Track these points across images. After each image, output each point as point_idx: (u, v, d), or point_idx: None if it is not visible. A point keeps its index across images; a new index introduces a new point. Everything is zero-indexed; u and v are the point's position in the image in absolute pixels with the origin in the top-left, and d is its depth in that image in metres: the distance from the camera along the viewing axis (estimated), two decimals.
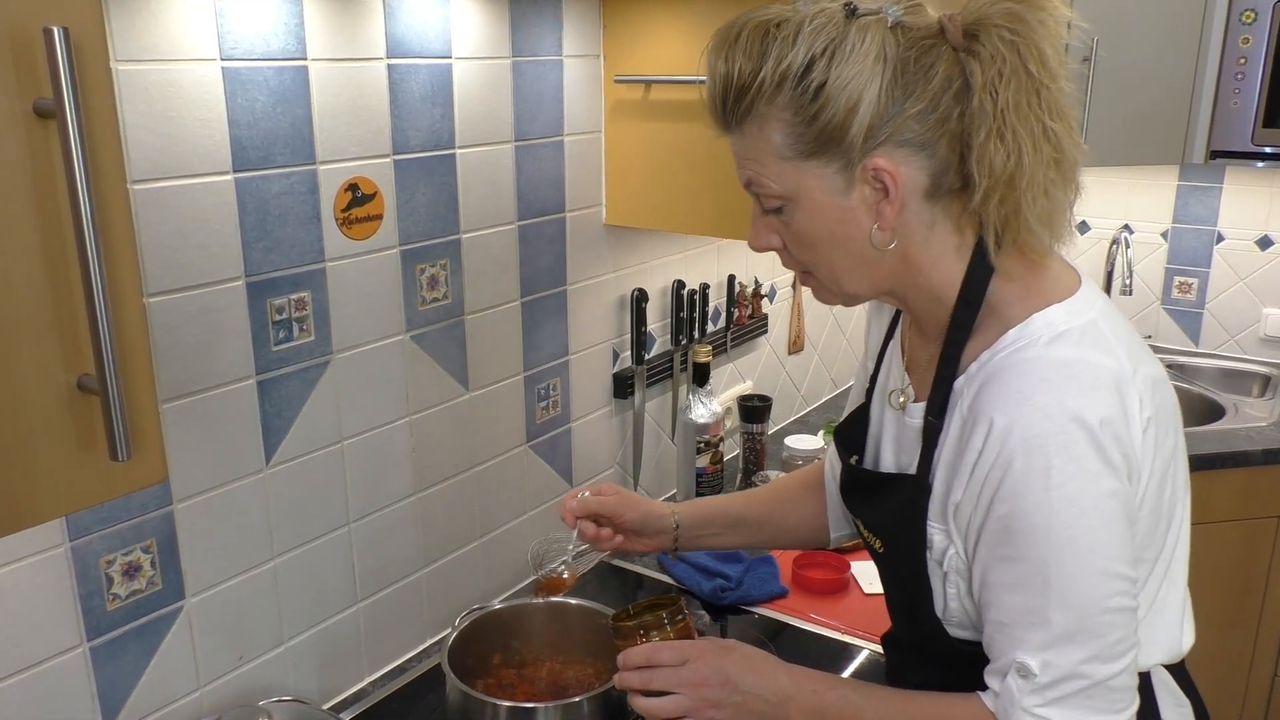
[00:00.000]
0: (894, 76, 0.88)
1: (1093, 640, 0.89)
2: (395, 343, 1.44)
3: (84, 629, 1.15)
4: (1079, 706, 0.90)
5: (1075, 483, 0.87)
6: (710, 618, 1.66)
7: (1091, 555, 0.88)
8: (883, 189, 0.91)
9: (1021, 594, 0.90)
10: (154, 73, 1.09)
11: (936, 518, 0.98)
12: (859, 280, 0.98)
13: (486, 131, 1.50)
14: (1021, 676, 0.91)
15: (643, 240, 1.87)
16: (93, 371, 0.70)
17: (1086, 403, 0.88)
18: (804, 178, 0.93)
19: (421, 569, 1.55)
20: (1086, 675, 0.90)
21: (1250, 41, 2.39)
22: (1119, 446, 0.89)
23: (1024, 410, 0.89)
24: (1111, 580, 0.89)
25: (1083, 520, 0.88)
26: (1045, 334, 0.92)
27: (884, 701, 1.01)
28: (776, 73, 0.90)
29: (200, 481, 1.23)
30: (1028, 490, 0.88)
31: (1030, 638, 0.90)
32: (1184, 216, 2.85)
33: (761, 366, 2.34)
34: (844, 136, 0.89)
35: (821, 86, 0.88)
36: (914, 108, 0.89)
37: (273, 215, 1.24)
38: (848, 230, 0.94)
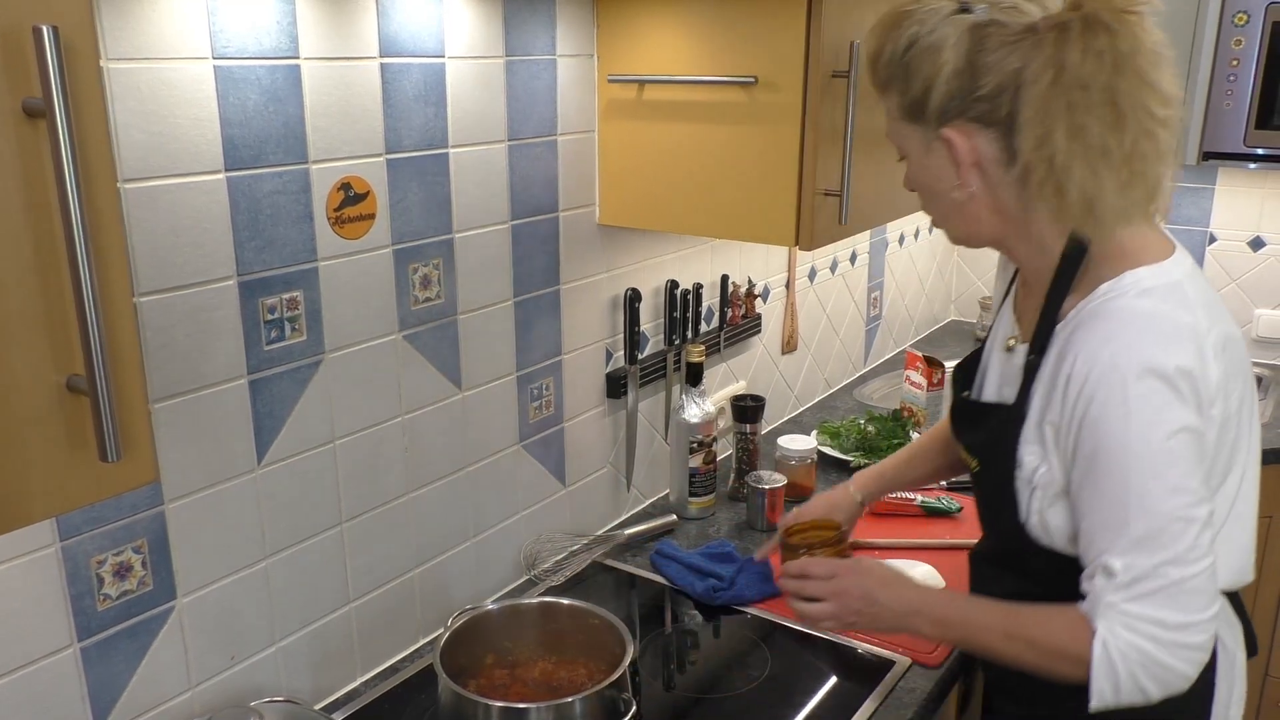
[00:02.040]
0: (967, 65, 1.07)
1: (1169, 545, 1.03)
2: (388, 342, 1.43)
3: (74, 629, 1.14)
4: (1158, 604, 1.04)
5: (1148, 412, 1.03)
6: (702, 617, 1.66)
7: (1165, 473, 1.04)
8: (957, 155, 1.11)
9: (1105, 508, 1.06)
10: (145, 71, 1.09)
11: (1030, 440, 1.15)
12: (957, 226, 1.20)
13: (480, 131, 1.50)
14: (1106, 577, 1.06)
15: (636, 240, 1.86)
16: (82, 372, 0.70)
17: (1161, 350, 1.04)
18: (907, 137, 1.17)
19: (414, 569, 1.55)
20: (1164, 575, 1.04)
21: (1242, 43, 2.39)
22: (1191, 387, 1.04)
23: (1108, 351, 1.05)
24: (1182, 494, 1.04)
25: (1156, 442, 1.03)
26: (1133, 289, 1.08)
27: (993, 611, 1.18)
28: (889, 51, 1.13)
29: (192, 481, 1.23)
30: (1108, 420, 1.05)
31: (1113, 544, 1.06)
32: (1176, 217, 2.86)
33: (755, 366, 2.34)
34: (925, 108, 1.11)
35: (910, 68, 1.10)
36: (982, 91, 1.07)
37: (265, 214, 1.24)
38: (934, 184, 1.17)
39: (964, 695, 1.65)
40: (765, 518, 1.91)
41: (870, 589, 1.24)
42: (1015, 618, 1.15)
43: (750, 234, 1.62)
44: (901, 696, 1.44)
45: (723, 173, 1.60)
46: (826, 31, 1.47)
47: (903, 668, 1.49)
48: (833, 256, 2.59)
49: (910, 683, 1.46)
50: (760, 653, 1.55)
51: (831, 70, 1.50)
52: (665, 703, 1.46)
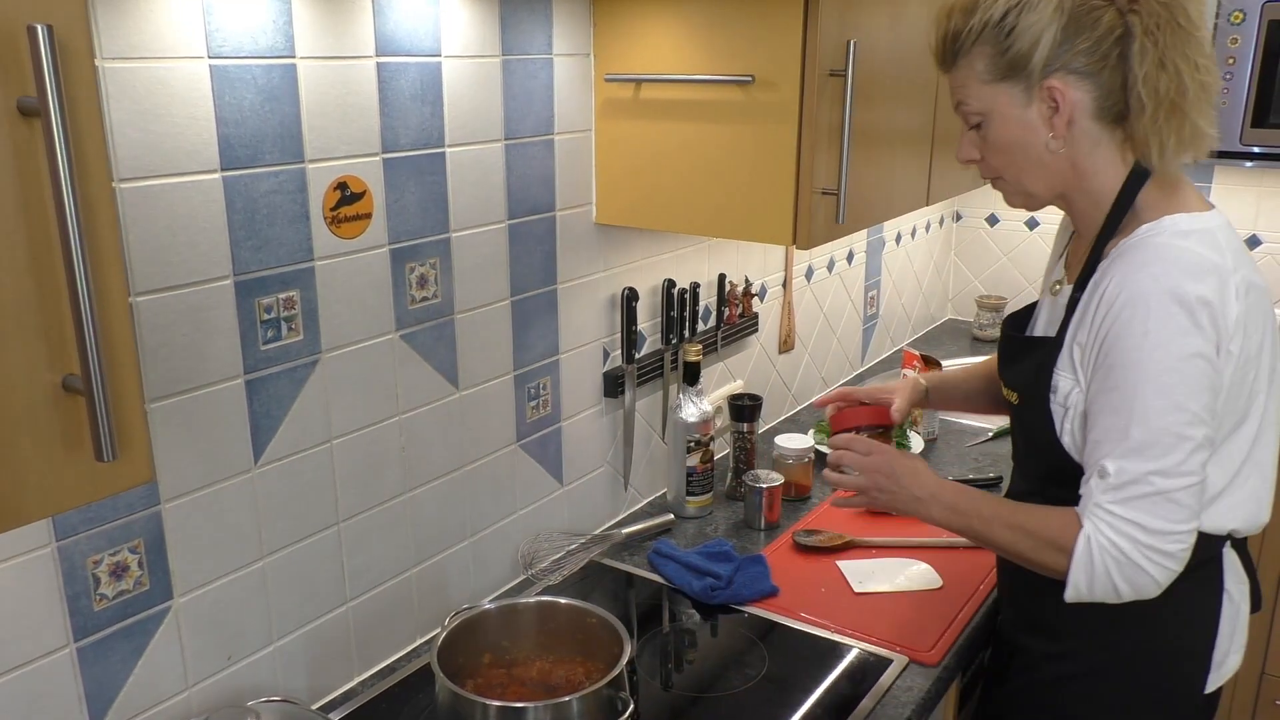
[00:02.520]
0: (1068, 22, 1.18)
1: (1161, 456, 1.13)
2: (385, 342, 1.43)
3: (71, 629, 1.14)
4: (1142, 509, 1.14)
5: (1165, 333, 1.13)
6: (700, 616, 1.66)
7: (1170, 390, 1.13)
8: (1054, 105, 1.21)
9: (1111, 416, 1.16)
10: (141, 70, 1.08)
11: (1064, 367, 1.26)
12: (1038, 181, 1.28)
13: (476, 130, 1.50)
14: (1100, 478, 1.16)
15: (633, 239, 1.86)
16: (78, 371, 0.69)
17: (1189, 280, 1.13)
18: (998, 96, 1.24)
19: (411, 568, 1.55)
20: (1150, 483, 1.13)
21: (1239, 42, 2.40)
22: (1210, 318, 1.13)
23: (1139, 275, 1.16)
24: (1183, 412, 1.13)
25: (1167, 361, 1.13)
26: (1170, 229, 1.19)
27: (1000, 505, 1.31)
28: (982, 20, 1.22)
29: (188, 481, 1.23)
30: (1128, 335, 1.15)
31: (1112, 448, 1.15)
32: None
33: (752, 365, 2.34)
34: (1027, 64, 1.20)
35: (1013, 28, 1.19)
36: (1082, 45, 1.18)
37: (261, 214, 1.24)
38: (1029, 137, 1.24)
39: (962, 694, 1.66)
40: (763, 517, 1.91)
41: (897, 470, 1.37)
42: (1017, 512, 1.27)
43: (747, 233, 1.62)
44: (899, 695, 1.44)
45: (720, 172, 1.60)
46: (824, 30, 1.47)
47: (900, 666, 1.49)
48: (830, 255, 2.59)
49: (907, 681, 1.47)
50: (758, 651, 1.55)
51: (829, 69, 1.50)
52: (663, 702, 1.46)
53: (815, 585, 1.72)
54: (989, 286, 3.30)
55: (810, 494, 2.05)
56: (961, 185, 2.16)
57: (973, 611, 1.63)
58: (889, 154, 1.78)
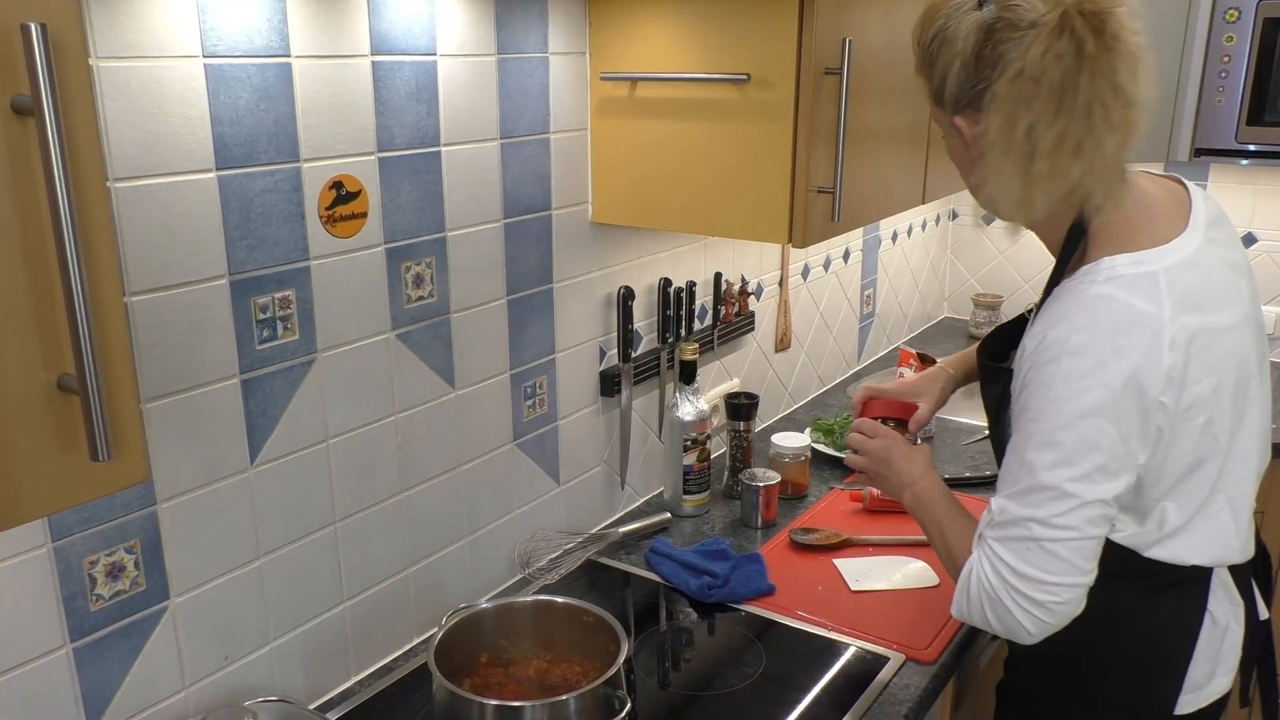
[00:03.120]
0: (973, 58, 1.15)
1: (1039, 507, 1.13)
2: (380, 341, 1.43)
3: (67, 630, 1.14)
4: (1016, 553, 1.15)
5: (1067, 390, 1.11)
6: (697, 615, 1.66)
7: (1059, 446, 1.11)
8: (971, 139, 1.20)
9: (1011, 455, 1.18)
10: (136, 69, 1.08)
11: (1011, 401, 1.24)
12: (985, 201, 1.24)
13: (472, 129, 1.50)
14: (988, 513, 1.19)
15: (629, 238, 1.86)
16: (73, 370, 0.69)
17: (1108, 337, 1.10)
18: (940, 118, 1.26)
19: (408, 568, 1.55)
20: (1026, 529, 1.14)
21: (1234, 39, 2.40)
22: (1128, 377, 1.09)
23: (1059, 327, 1.13)
24: (1070, 468, 1.11)
25: (1062, 419, 1.11)
26: (1104, 274, 1.14)
27: (950, 514, 1.33)
28: (922, 40, 1.23)
29: (184, 481, 1.23)
30: (1035, 383, 1.14)
31: (1003, 486, 1.18)
32: None
33: (748, 364, 2.34)
34: (942, 96, 1.22)
35: (934, 56, 1.20)
36: (980, 85, 1.16)
37: (256, 213, 1.23)
38: (961, 162, 1.27)
39: (958, 692, 1.66)
40: (760, 515, 1.91)
41: (892, 456, 1.43)
42: (955, 525, 1.31)
43: (743, 231, 1.62)
44: (895, 693, 1.44)
45: (715, 170, 1.60)
46: (819, 28, 1.47)
47: (897, 664, 1.49)
48: (826, 254, 2.59)
49: (904, 679, 1.47)
50: (755, 650, 1.55)
51: (824, 67, 1.50)
52: (660, 700, 1.46)
53: (812, 584, 1.72)
54: (985, 285, 3.30)
55: (807, 492, 2.05)
56: (957, 184, 2.15)
57: None
58: (885, 152, 1.78)
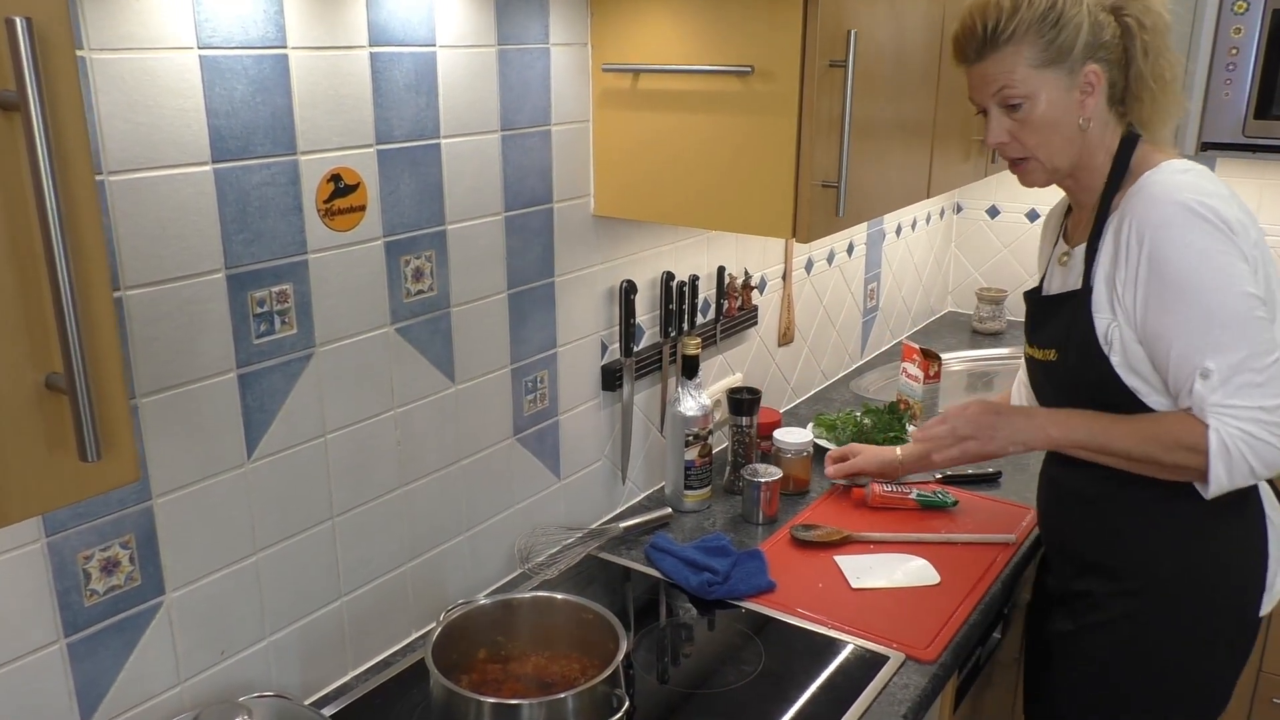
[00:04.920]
0: (1093, 22, 1.38)
1: (1250, 341, 1.28)
2: (380, 335, 1.42)
3: (61, 625, 1.13)
4: (1254, 394, 1.28)
5: (1206, 239, 1.29)
6: (697, 611, 1.66)
7: (1231, 283, 1.28)
8: (1090, 89, 1.40)
9: (1187, 327, 1.30)
10: (129, 61, 1.07)
11: (1101, 307, 1.39)
12: (1064, 156, 1.44)
13: (472, 121, 1.48)
14: (1203, 379, 1.29)
15: (631, 231, 1.85)
16: (61, 370, 0.68)
17: (1205, 198, 1.30)
18: (1044, 80, 1.39)
19: (407, 563, 1.54)
20: (1251, 367, 1.28)
21: (1242, 32, 2.37)
22: (1232, 225, 1.29)
23: (1157, 204, 1.32)
24: (1248, 299, 1.28)
25: (1215, 261, 1.28)
26: (1171, 169, 1.37)
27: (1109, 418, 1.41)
28: (1031, 12, 1.37)
29: (180, 476, 1.22)
30: (1171, 253, 1.30)
31: (1202, 353, 1.29)
32: None
33: (751, 358, 2.33)
34: (1071, 51, 1.38)
35: (1059, 18, 1.36)
36: (1104, 38, 1.38)
37: (253, 206, 1.22)
38: (1065, 117, 1.41)
39: (959, 691, 1.65)
40: (761, 511, 1.90)
41: (994, 408, 1.52)
42: (1135, 421, 1.38)
43: (746, 226, 1.61)
44: (895, 692, 1.43)
45: (719, 163, 1.59)
46: (824, 20, 1.45)
47: (897, 663, 1.48)
48: (830, 248, 2.58)
49: (904, 679, 1.46)
50: (754, 647, 1.54)
51: (829, 60, 1.49)
52: (659, 697, 1.45)
53: (813, 580, 1.71)
54: (989, 279, 3.28)
55: (809, 489, 2.04)
56: (963, 177, 2.14)
57: (970, 608, 1.62)
58: (889, 146, 1.76)
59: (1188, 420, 1.32)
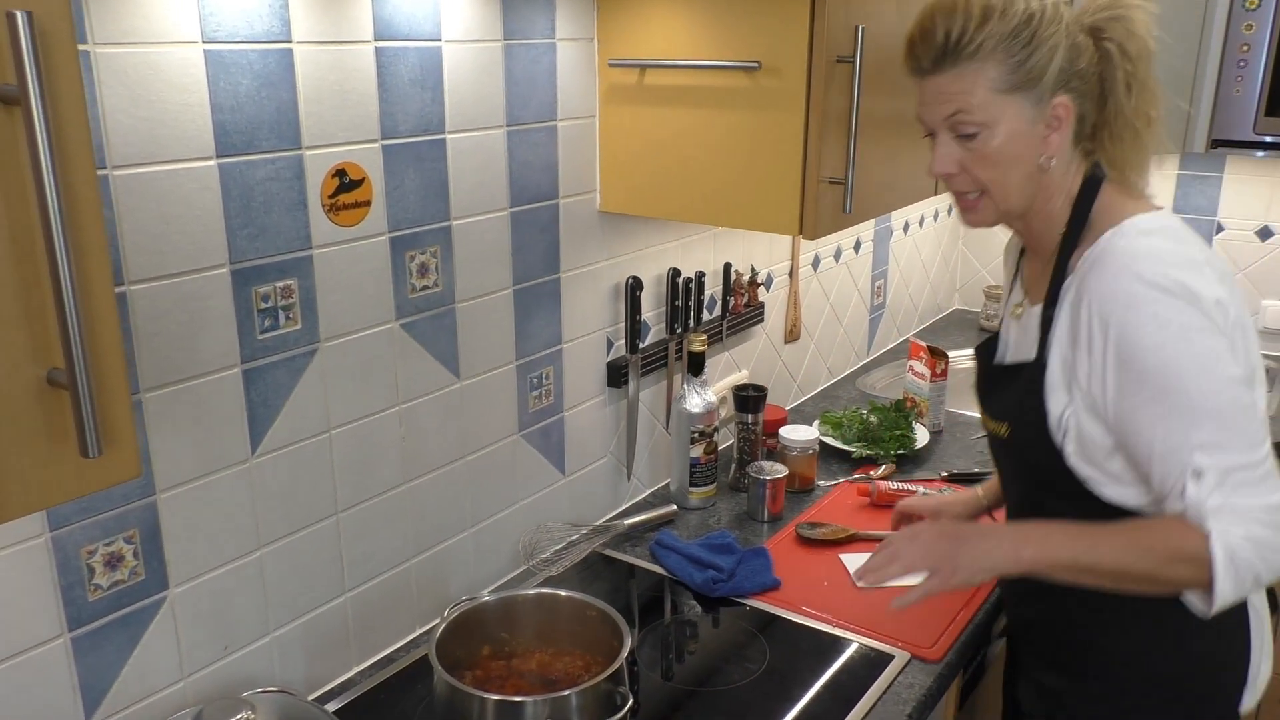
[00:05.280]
0: (1071, 44, 1.19)
1: (1240, 434, 1.11)
2: (384, 331, 1.42)
3: (65, 619, 1.13)
4: (1255, 492, 1.11)
5: (1179, 321, 1.11)
6: (701, 609, 1.65)
7: (1211, 369, 1.11)
8: (1058, 123, 1.21)
9: (1169, 423, 1.12)
10: (134, 55, 1.07)
11: (1056, 387, 1.22)
12: (1019, 196, 1.24)
13: (478, 116, 1.48)
14: (1196, 480, 1.11)
15: (638, 227, 1.84)
16: (62, 365, 0.68)
17: (1172, 270, 1.13)
18: (1006, 107, 1.19)
19: (411, 559, 1.54)
20: (1246, 462, 1.11)
21: (1253, 28, 2.36)
22: (1204, 300, 1.12)
23: (1120, 280, 1.14)
24: (1233, 385, 1.12)
25: (1193, 346, 1.11)
26: (1134, 229, 1.18)
27: (1094, 529, 1.19)
28: (1005, 20, 1.17)
29: (184, 471, 1.22)
30: (1141, 337, 1.12)
31: (1192, 450, 1.11)
32: (1184, 206, 2.83)
33: (757, 356, 2.32)
34: (1042, 78, 1.18)
35: (1032, 38, 1.17)
36: (1079, 66, 1.19)
37: (257, 201, 1.22)
38: (1027, 152, 1.21)
39: (963, 691, 1.64)
40: (766, 509, 1.90)
41: (954, 528, 1.29)
42: (1125, 531, 1.18)
43: (753, 222, 1.60)
44: (900, 691, 1.42)
45: (725, 159, 1.58)
46: (831, 16, 1.45)
47: (902, 662, 1.48)
48: (836, 244, 2.57)
49: (909, 678, 1.45)
50: (759, 645, 1.54)
51: (836, 55, 1.48)
52: (663, 694, 1.45)
53: (818, 578, 1.71)
54: (997, 276, 3.27)
55: (814, 486, 2.04)
56: None
57: (975, 608, 1.62)
58: (898, 142, 1.75)
59: (1183, 528, 1.13)
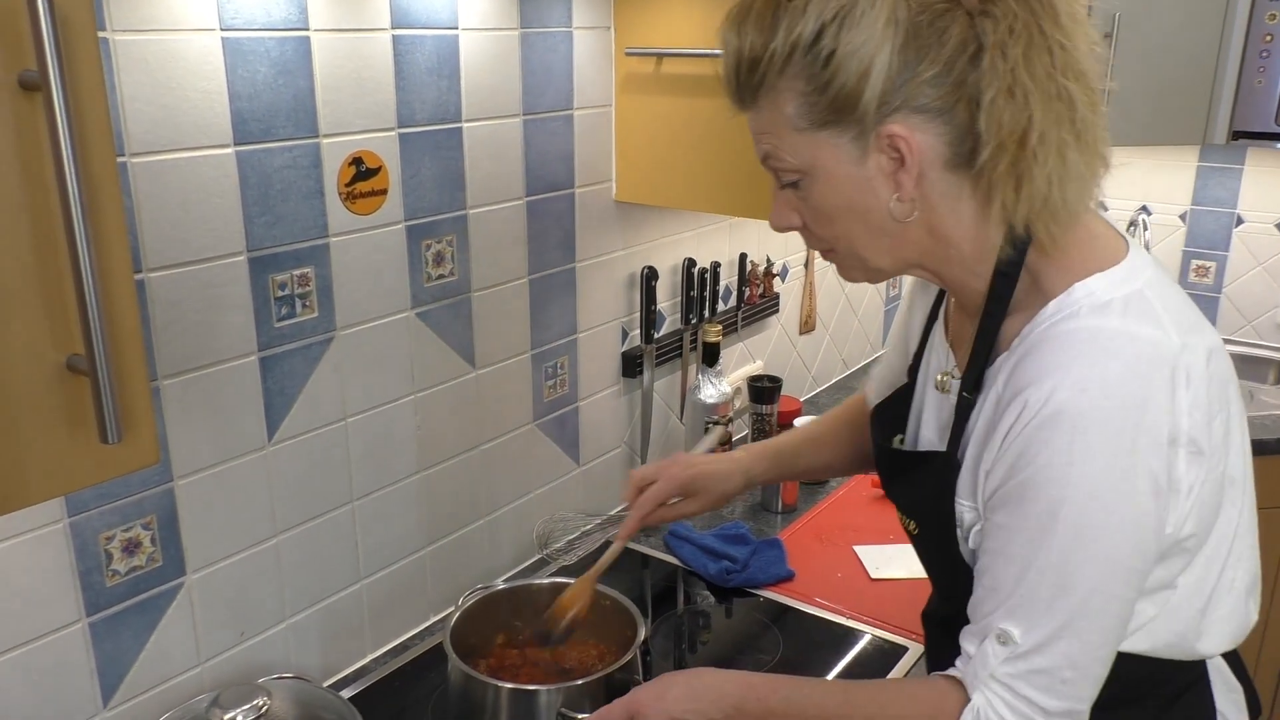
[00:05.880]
0: (906, 41, 0.85)
1: (1087, 633, 0.87)
2: (400, 320, 1.42)
3: (83, 605, 1.14)
4: (1047, 689, 0.87)
5: (1100, 461, 0.83)
6: (715, 599, 1.65)
7: (1099, 541, 0.85)
8: (899, 157, 0.88)
9: (1020, 562, 0.87)
10: (153, 43, 1.07)
11: (965, 494, 0.96)
12: (881, 254, 0.95)
13: (494, 105, 1.47)
14: (1001, 643, 0.88)
15: (653, 217, 1.84)
16: (82, 351, 0.68)
17: (1128, 379, 0.84)
18: (819, 149, 0.90)
19: (426, 547, 1.54)
20: (1066, 657, 0.87)
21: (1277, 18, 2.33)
22: (1156, 430, 0.84)
23: (1058, 381, 0.85)
24: (1116, 570, 0.86)
25: (1097, 503, 0.84)
26: (1087, 304, 0.88)
27: (827, 694, 0.99)
28: (788, 43, 0.87)
29: (202, 458, 1.22)
30: (1049, 462, 0.85)
31: (1019, 606, 0.87)
32: (1203, 198, 2.80)
33: (772, 346, 2.31)
34: (857, 103, 0.86)
35: (832, 54, 0.85)
36: (928, 72, 0.85)
37: (275, 189, 1.22)
38: (866, 201, 0.91)
39: None
40: (780, 500, 1.90)
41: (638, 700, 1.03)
42: (851, 695, 0.98)
43: None
44: None
45: (742, 149, 1.57)
46: None
47: (915, 654, 1.47)
48: None
49: (922, 670, 1.45)
50: (772, 636, 1.53)
51: None
52: None
53: (832, 570, 1.70)
54: None
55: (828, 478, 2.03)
56: None
57: None
58: None
59: (939, 692, 0.93)
